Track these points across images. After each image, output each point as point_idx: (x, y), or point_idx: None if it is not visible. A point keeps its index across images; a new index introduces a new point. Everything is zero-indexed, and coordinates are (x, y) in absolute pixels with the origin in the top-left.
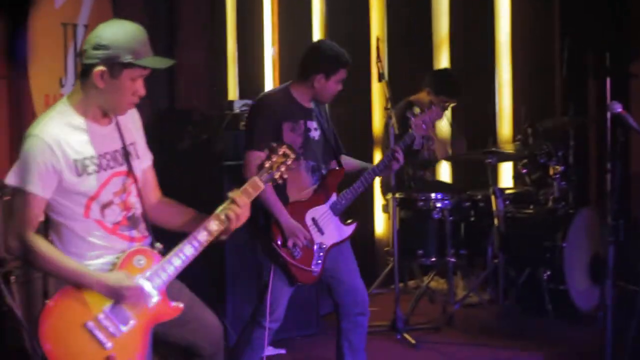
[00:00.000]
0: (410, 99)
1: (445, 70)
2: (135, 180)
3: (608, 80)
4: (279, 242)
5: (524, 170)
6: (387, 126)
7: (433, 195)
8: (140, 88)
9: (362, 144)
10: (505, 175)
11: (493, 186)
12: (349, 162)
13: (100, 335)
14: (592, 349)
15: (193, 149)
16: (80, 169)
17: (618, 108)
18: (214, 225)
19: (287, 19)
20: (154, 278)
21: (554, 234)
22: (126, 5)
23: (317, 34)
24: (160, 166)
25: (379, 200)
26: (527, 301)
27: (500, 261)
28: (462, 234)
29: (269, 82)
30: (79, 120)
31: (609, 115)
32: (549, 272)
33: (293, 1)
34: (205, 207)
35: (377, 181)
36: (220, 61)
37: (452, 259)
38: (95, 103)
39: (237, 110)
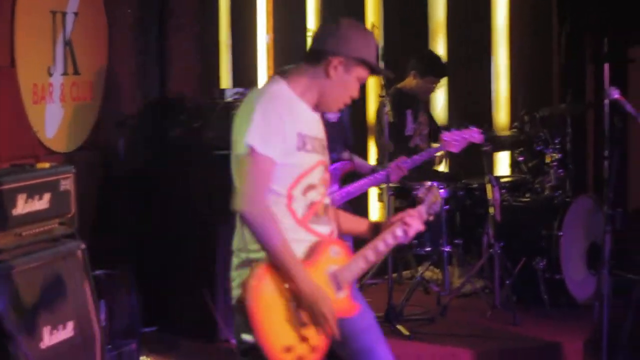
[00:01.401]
0: (398, 87)
1: (428, 51)
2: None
3: (606, 66)
4: None
5: (521, 158)
6: (380, 113)
7: (428, 184)
8: (357, 90)
9: (356, 132)
10: (502, 163)
11: (488, 174)
12: (360, 162)
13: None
14: (589, 339)
15: (184, 137)
16: (301, 144)
17: (615, 94)
18: (390, 239)
19: (281, 5)
20: (345, 273)
21: (551, 222)
22: None
23: (311, 21)
24: (151, 154)
25: (373, 189)
26: (523, 290)
27: (496, 250)
28: (458, 223)
29: (263, 71)
30: (298, 100)
31: (606, 101)
32: (545, 261)
33: None
34: (195, 196)
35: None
36: (212, 49)
37: (447, 249)
38: (317, 90)
39: (229, 99)
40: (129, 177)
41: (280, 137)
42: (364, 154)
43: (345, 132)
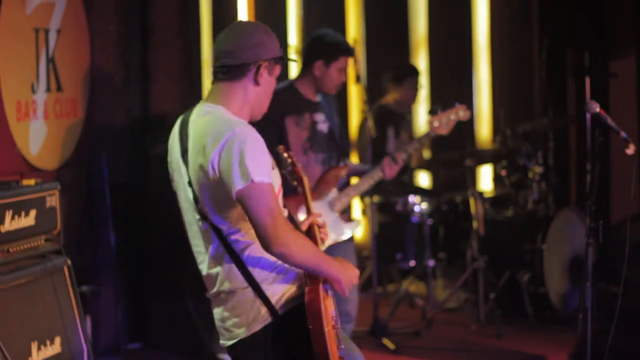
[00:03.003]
0: (381, 103)
1: (391, 62)
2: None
3: (587, 80)
4: None
5: (503, 172)
6: (362, 128)
7: (411, 198)
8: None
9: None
10: (485, 177)
11: (472, 189)
12: (357, 166)
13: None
14: (573, 352)
15: (167, 154)
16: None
17: (596, 108)
18: None
19: (262, 21)
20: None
21: (534, 236)
22: (99, 10)
23: (293, 39)
24: (135, 171)
25: (357, 204)
26: (507, 304)
27: (480, 264)
28: (442, 237)
29: None
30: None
31: (587, 115)
32: (528, 275)
33: (269, 4)
34: (179, 212)
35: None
36: (196, 64)
37: (431, 263)
38: (250, 102)
39: None
40: (112, 193)
41: (267, 161)
42: None
43: (336, 140)
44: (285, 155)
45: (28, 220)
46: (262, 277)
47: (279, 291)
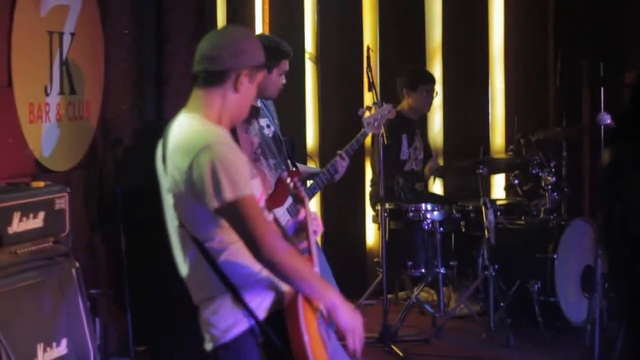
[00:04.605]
0: (397, 110)
1: (406, 66)
2: None
3: (602, 90)
4: None
5: (516, 181)
6: (376, 136)
7: (423, 206)
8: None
9: (354, 154)
10: (498, 186)
11: (484, 197)
12: (307, 169)
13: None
14: None
15: None
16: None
17: (607, 119)
18: None
19: (278, 30)
20: None
21: (545, 245)
22: (114, 14)
23: (309, 45)
24: (146, 175)
25: (370, 210)
26: (518, 313)
27: (491, 273)
28: (453, 245)
29: None
30: (222, 128)
31: (600, 125)
32: (539, 284)
33: (284, 10)
34: None
35: (367, 192)
36: None
37: (442, 270)
38: (229, 109)
39: None
40: (123, 196)
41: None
42: (361, 175)
43: (280, 143)
44: (289, 181)
45: (36, 222)
46: (241, 283)
47: (259, 296)
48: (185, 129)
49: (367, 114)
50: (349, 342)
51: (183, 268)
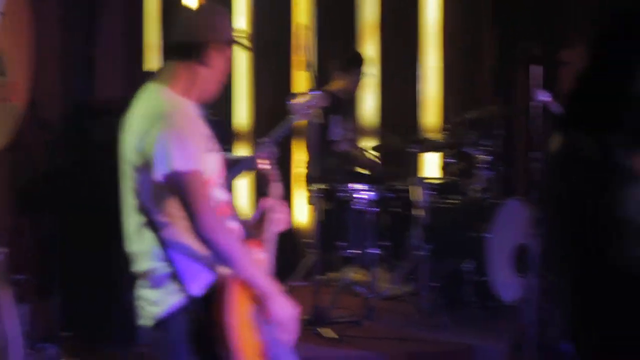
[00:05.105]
0: (329, 90)
1: (339, 48)
2: None
3: (538, 68)
4: None
5: (451, 160)
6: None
7: (353, 186)
8: (228, 71)
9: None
10: (432, 165)
11: (416, 176)
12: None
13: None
14: (515, 340)
15: (110, 140)
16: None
17: (543, 96)
18: None
19: (209, 5)
20: None
21: (479, 224)
22: None
23: (241, 24)
24: (75, 157)
25: (300, 192)
26: (451, 293)
27: (424, 253)
28: (386, 225)
29: None
30: (186, 101)
31: (535, 103)
32: (473, 264)
33: None
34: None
35: (293, 173)
36: (141, 50)
37: (374, 251)
38: (199, 83)
39: None
40: (52, 179)
41: (196, 146)
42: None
43: (220, 129)
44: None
45: None
46: (182, 258)
47: (198, 274)
48: (149, 99)
49: (295, 100)
50: (280, 334)
51: (130, 239)
